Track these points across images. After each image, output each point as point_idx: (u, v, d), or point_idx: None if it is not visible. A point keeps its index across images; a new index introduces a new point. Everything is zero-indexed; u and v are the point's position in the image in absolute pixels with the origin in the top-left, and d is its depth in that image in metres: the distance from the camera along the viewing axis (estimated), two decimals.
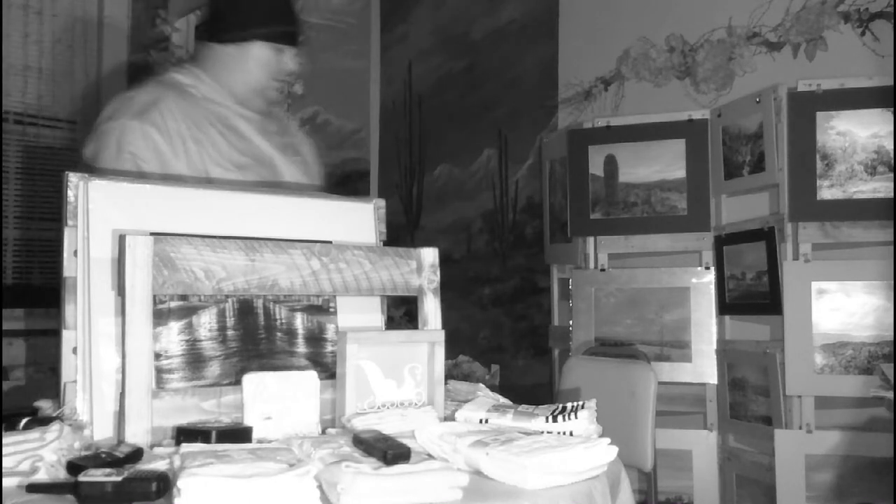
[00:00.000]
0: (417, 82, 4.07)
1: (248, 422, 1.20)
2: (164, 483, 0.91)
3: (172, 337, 1.24)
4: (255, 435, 1.17)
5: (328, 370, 1.35)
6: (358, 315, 1.44)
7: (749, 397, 2.49)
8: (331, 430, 1.24)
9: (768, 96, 2.39)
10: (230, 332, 1.30)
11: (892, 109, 2.21)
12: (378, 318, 1.48)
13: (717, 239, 2.62)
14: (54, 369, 1.23)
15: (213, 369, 1.27)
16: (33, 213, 3.91)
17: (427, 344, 1.36)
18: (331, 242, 1.38)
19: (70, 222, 1.21)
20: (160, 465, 0.99)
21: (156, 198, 1.29)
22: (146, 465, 1.00)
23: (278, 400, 1.22)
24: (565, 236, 2.92)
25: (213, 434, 1.10)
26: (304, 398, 1.24)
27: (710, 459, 2.62)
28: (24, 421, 1.10)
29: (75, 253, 1.20)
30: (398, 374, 1.33)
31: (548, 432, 1.20)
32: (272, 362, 1.33)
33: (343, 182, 4.10)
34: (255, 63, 1.76)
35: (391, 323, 1.53)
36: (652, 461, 2.10)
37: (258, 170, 1.76)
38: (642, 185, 2.74)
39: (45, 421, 1.09)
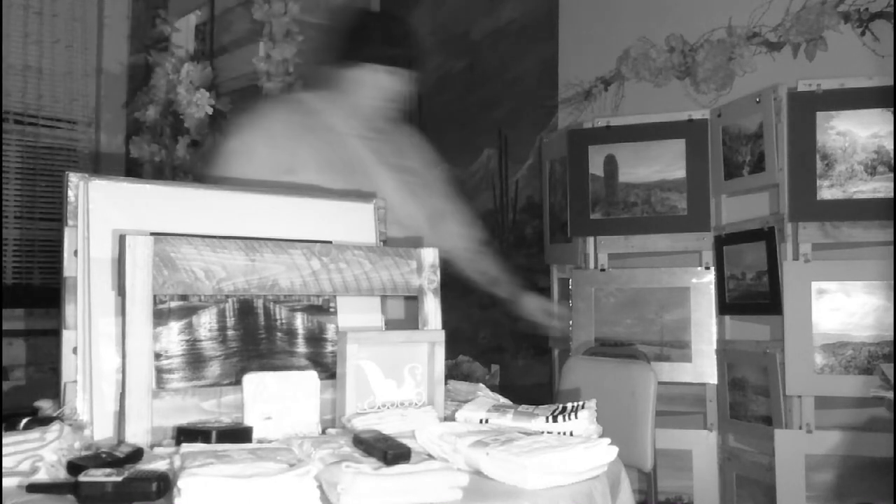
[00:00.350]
0: (417, 82, 4.06)
1: (248, 422, 1.20)
2: (165, 483, 0.91)
3: (172, 337, 1.24)
4: (256, 435, 1.17)
5: (328, 370, 1.35)
6: (358, 315, 1.44)
7: (749, 397, 2.49)
8: (331, 430, 1.24)
9: (768, 96, 2.39)
10: (230, 332, 1.30)
11: (892, 109, 2.21)
12: (378, 319, 1.48)
13: (717, 239, 2.62)
14: (54, 369, 1.23)
15: (214, 369, 1.27)
16: (33, 213, 3.91)
17: (427, 344, 1.36)
18: (331, 242, 1.38)
19: (70, 222, 1.21)
20: (160, 465, 0.99)
21: (156, 198, 1.29)
22: (146, 465, 1.00)
23: (278, 400, 1.22)
24: (565, 236, 2.92)
25: (214, 434, 1.10)
26: (304, 398, 1.24)
27: (710, 459, 2.62)
28: (24, 421, 1.10)
29: (75, 253, 1.20)
30: (398, 374, 1.33)
31: (548, 432, 1.20)
32: (272, 362, 1.33)
33: None
34: (367, 85, 1.88)
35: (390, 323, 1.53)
36: (652, 461, 2.10)
37: (349, 174, 1.85)
38: (642, 185, 2.74)
39: (46, 421, 1.09)
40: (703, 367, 2.62)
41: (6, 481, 0.96)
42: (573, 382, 2.29)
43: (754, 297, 2.47)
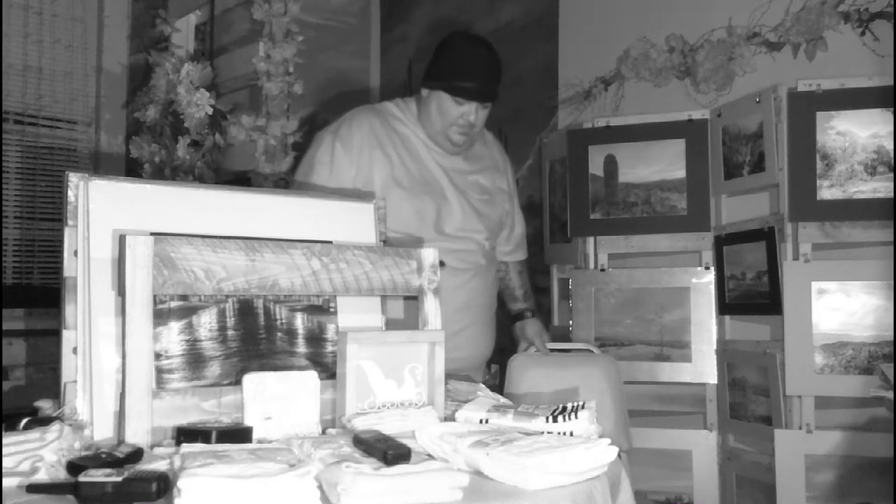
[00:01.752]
0: (417, 82, 4.06)
1: (248, 422, 1.20)
2: (165, 483, 0.91)
3: (173, 337, 1.24)
4: (256, 435, 1.17)
5: (328, 370, 1.35)
6: (358, 315, 1.44)
7: (749, 397, 2.49)
8: (331, 431, 1.24)
9: (768, 96, 2.39)
10: (230, 332, 1.30)
11: (892, 109, 2.21)
12: (378, 319, 1.48)
13: (717, 239, 2.62)
14: (54, 369, 1.23)
15: (214, 369, 1.27)
16: (33, 213, 3.91)
17: (427, 344, 1.36)
18: (331, 242, 1.38)
19: (70, 222, 1.21)
20: (160, 466, 0.99)
21: (156, 198, 1.29)
22: (146, 466, 1.00)
23: (278, 400, 1.22)
24: (565, 236, 2.92)
25: (214, 434, 1.10)
26: (304, 398, 1.24)
27: (710, 459, 2.62)
28: (24, 421, 1.10)
29: (75, 253, 1.20)
30: (398, 374, 1.33)
31: (548, 432, 1.20)
32: (272, 362, 1.33)
33: None
34: (437, 109, 1.99)
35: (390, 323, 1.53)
36: (629, 442, 2.11)
37: (421, 189, 1.99)
38: (642, 185, 2.74)
39: (46, 421, 1.09)
40: (703, 367, 2.62)
41: (6, 481, 0.96)
42: (531, 381, 2.12)
43: (754, 297, 2.47)
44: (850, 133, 2.29)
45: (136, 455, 1.04)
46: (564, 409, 1.26)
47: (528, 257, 2.40)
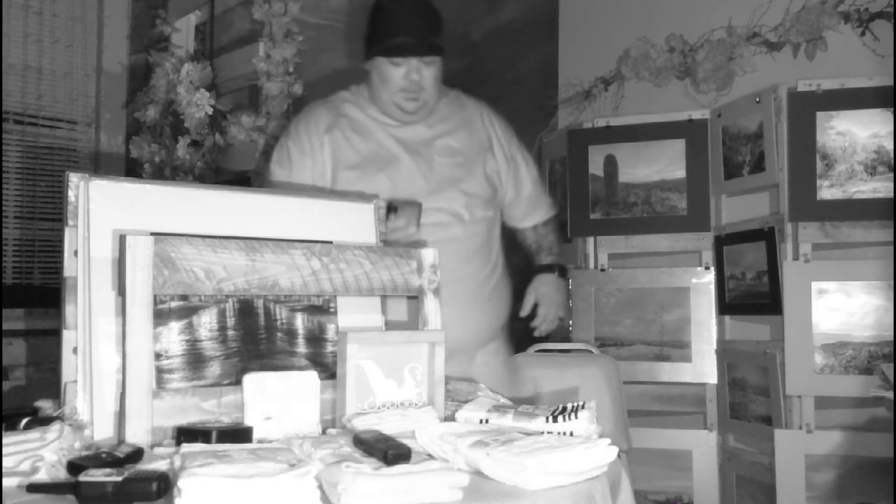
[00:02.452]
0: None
1: (248, 422, 1.20)
2: (165, 483, 0.91)
3: (173, 337, 1.24)
4: (256, 435, 1.17)
5: (328, 370, 1.35)
6: (358, 315, 1.44)
7: (749, 397, 2.49)
8: (331, 431, 1.24)
9: (768, 96, 2.39)
10: (230, 332, 1.30)
11: (892, 109, 2.21)
12: (378, 319, 1.48)
13: (717, 239, 2.62)
14: (54, 369, 1.23)
15: (214, 369, 1.27)
16: (33, 213, 3.91)
17: (427, 344, 1.36)
18: (331, 242, 1.38)
19: (71, 222, 1.21)
20: (161, 466, 0.99)
21: (156, 198, 1.29)
22: (147, 466, 1.00)
23: (279, 400, 1.22)
24: (565, 236, 2.92)
25: (214, 434, 1.10)
26: (304, 398, 1.24)
27: (710, 459, 2.62)
28: (24, 421, 1.10)
29: (76, 253, 1.20)
30: (398, 374, 1.33)
31: (548, 432, 1.20)
32: (272, 362, 1.33)
33: None
34: (379, 78, 1.89)
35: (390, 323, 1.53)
36: (628, 442, 2.11)
37: (372, 167, 1.89)
38: (642, 185, 2.74)
39: (46, 421, 1.09)
40: (703, 367, 2.62)
41: (6, 481, 0.96)
42: (532, 381, 2.20)
43: (754, 297, 2.47)
44: (850, 133, 2.29)
45: (137, 455, 1.04)
46: (564, 409, 1.26)
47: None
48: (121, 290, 1.14)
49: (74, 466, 0.96)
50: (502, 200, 2.07)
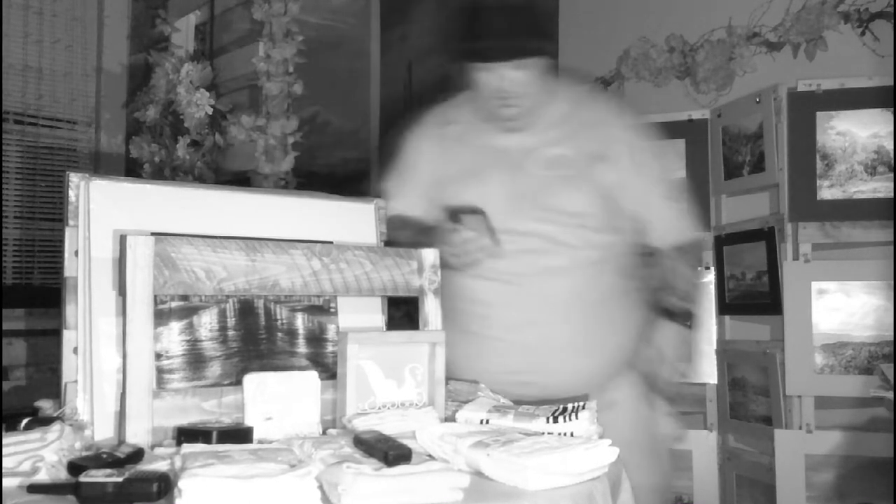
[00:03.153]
0: (417, 82, 4.06)
1: (248, 422, 1.20)
2: (165, 484, 0.91)
3: (173, 337, 1.24)
4: (256, 435, 1.17)
5: (329, 370, 1.35)
6: (359, 315, 1.44)
7: (749, 397, 2.49)
8: (331, 431, 1.24)
9: (768, 96, 2.39)
10: (231, 333, 1.30)
11: (892, 109, 2.21)
12: (379, 319, 1.48)
13: (717, 239, 2.62)
14: (55, 369, 1.23)
15: (214, 369, 1.27)
16: (33, 213, 3.91)
17: (428, 344, 1.36)
18: (332, 243, 1.38)
19: (71, 222, 1.21)
20: (161, 466, 0.99)
21: (156, 198, 1.29)
22: (147, 466, 1.00)
23: (279, 400, 1.22)
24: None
25: (214, 434, 1.10)
26: (304, 398, 1.24)
27: (710, 459, 2.62)
28: (24, 421, 1.10)
29: (76, 253, 1.20)
30: (399, 374, 1.33)
31: (548, 433, 1.20)
32: (273, 362, 1.33)
33: (343, 182, 4.10)
34: (473, 90, 1.66)
35: (391, 323, 1.53)
36: None
37: (463, 180, 1.69)
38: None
39: (46, 421, 1.09)
40: (703, 367, 2.62)
41: (7, 482, 0.96)
42: None
43: (754, 297, 2.47)
44: (850, 133, 2.29)
45: (137, 455, 1.04)
46: (565, 409, 1.26)
47: None
48: (121, 290, 1.14)
49: (75, 467, 0.96)
50: (631, 218, 1.73)
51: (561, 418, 1.23)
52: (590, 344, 1.65)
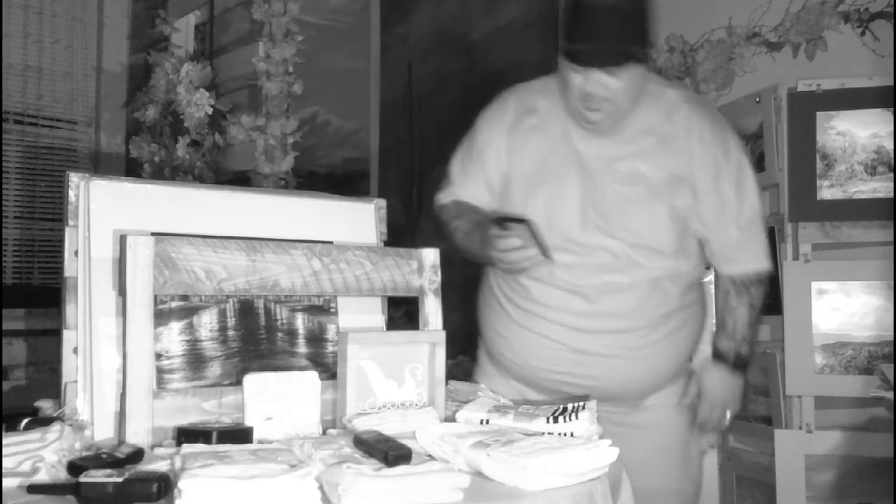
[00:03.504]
0: (417, 82, 4.06)
1: (248, 422, 1.20)
2: (165, 484, 0.91)
3: (173, 337, 1.24)
4: (256, 435, 1.17)
5: (329, 370, 1.35)
6: (359, 315, 1.44)
7: (749, 397, 2.49)
8: (332, 431, 1.24)
9: (768, 96, 2.39)
10: (231, 333, 1.30)
11: (892, 109, 2.21)
12: (379, 319, 1.48)
13: None
14: (55, 369, 1.23)
15: (214, 369, 1.27)
16: (33, 213, 3.91)
17: (428, 344, 1.36)
18: (332, 243, 1.38)
19: (71, 222, 1.21)
20: (161, 466, 0.99)
21: (156, 198, 1.29)
22: (147, 466, 1.00)
23: (279, 400, 1.22)
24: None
25: (214, 435, 1.10)
26: (304, 399, 1.24)
27: (710, 459, 2.62)
28: (24, 421, 1.10)
29: (76, 253, 1.20)
30: (399, 374, 1.33)
31: (549, 433, 1.20)
32: (273, 362, 1.33)
33: (343, 182, 4.10)
34: (562, 80, 1.58)
35: (391, 323, 1.53)
36: None
37: (539, 178, 1.63)
38: None
39: (46, 421, 1.09)
40: None
41: (7, 482, 0.96)
42: None
43: None
44: (850, 133, 2.29)
45: (137, 455, 1.04)
46: (565, 409, 1.26)
47: None
48: (121, 291, 1.14)
49: (75, 467, 0.96)
50: (703, 240, 1.68)
51: (561, 418, 1.23)
52: (644, 355, 1.63)
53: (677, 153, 1.61)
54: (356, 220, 1.50)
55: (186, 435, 1.11)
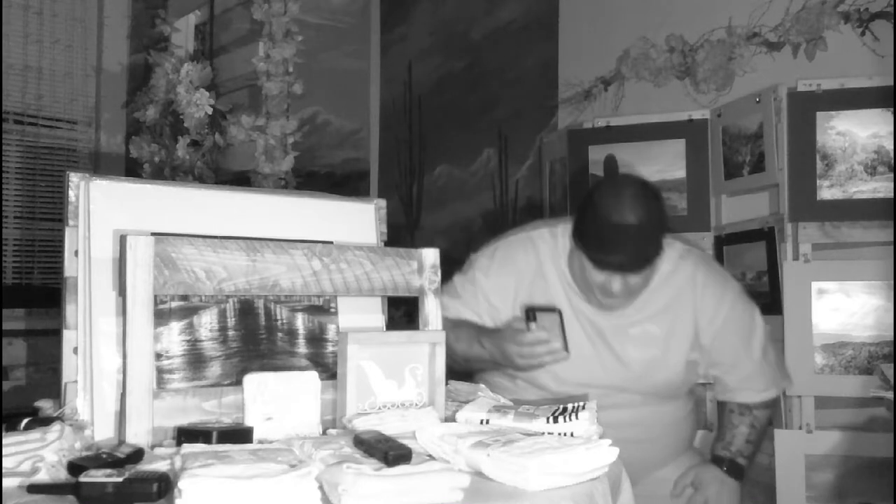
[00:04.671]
0: (417, 82, 4.07)
1: (248, 422, 1.20)
2: (165, 484, 0.91)
3: (173, 337, 1.24)
4: (256, 435, 1.17)
5: (329, 370, 1.35)
6: (359, 315, 1.44)
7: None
8: (332, 431, 1.24)
9: (768, 96, 2.39)
10: (231, 333, 1.30)
11: (892, 109, 2.21)
12: (379, 319, 1.48)
13: (717, 239, 2.62)
14: (55, 369, 1.23)
15: (214, 369, 1.27)
16: (33, 213, 3.91)
17: (428, 344, 1.36)
18: (332, 243, 1.38)
19: (71, 222, 1.21)
20: (161, 466, 0.99)
21: (157, 198, 1.29)
22: (147, 466, 1.00)
23: (279, 400, 1.22)
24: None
25: (214, 434, 1.10)
26: (304, 399, 1.24)
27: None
28: (24, 421, 1.10)
29: (76, 253, 1.20)
30: (399, 374, 1.33)
31: (549, 433, 1.20)
32: (273, 363, 1.33)
33: (343, 182, 4.10)
34: (579, 268, 1.66)
35: (391, 323, 1.53)
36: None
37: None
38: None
39: (46, 421, 1.09)
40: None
41: (7, 482, 0.96)
42: None
43: (754, 297, 2.46)
44: (850, 133, 2.29)
45: (137, 455, 1.04)
46: (565, 409, 1.26)
47: None
48: (121, 291, 1.14)
49: (75, 467, 0.96)
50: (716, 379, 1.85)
51: (561, 418, 1.23)
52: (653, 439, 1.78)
53: (682, 309, 1.73)
54: (356, 220, 1.50)
55: (186, 435, 1.11)
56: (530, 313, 1.55)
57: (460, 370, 1.75)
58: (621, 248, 1.57)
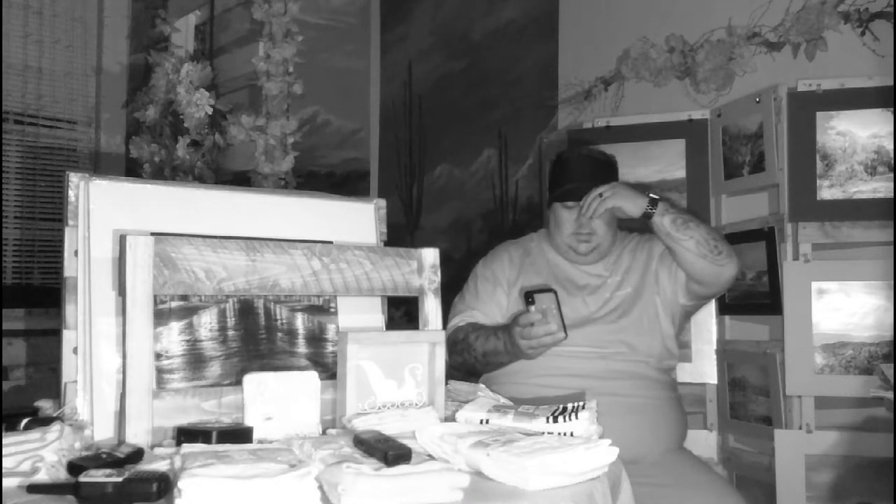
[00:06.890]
0: (417, 82, 4.07)
1: (248, 422, 1.20)
2: (165, 484, 0.91)
3: (173, 337, 1.24)
4: (256, 435, 1.17)
5: (329, 370, 1.35)
6: (359, 315, 1.44)
7: (749, 397, 2.49)
8: (331, 431, 1.24)
9: (768, 96, 2.39)
10: (231, 333, 1.30)
11: (892, 109, 2.21)
12: (379, 319, 1.48)
13: None
14: (54, 369, 1.23)
15: (214, 369, 1.27)
16: (33, 213, 3.91)
17: (428, 344, 1.36)
18: (332, 242, 1.38)
19: (71, 222, 1.21)
20: (161, 466, 0.99)
21: (156, 198, 1.29)
22: (147, 466, 1.00)
23: (279, 400, 1.22)
24: None
25: (214, 434, 1.10)
26: (304, 399, 1.24)
27: (710, 459, 2.62)
28: (24, 421, 1.10)
29: (76, 253, 1.20)
30: (399, 374, 1.33)
31: (548, 433, 1.20)
32: (273, 362, 1.33)
33: (343, 182, 4.10)
34: (554, 222, 2.01)
35: (391, 323, 1.53)
36: None
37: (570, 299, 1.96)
38: (642, 186, 2.74)
39: (46, 421, 1.09)
40: (703, 367, 2.62)
41: (6, 482, 0.96)
42: None
43: (754, 297, 2.47)
44: (850, 133, 2.29)
45: (137, 455, 1.04)
46: (565, 409, 1.26)
47: None
48: (121, 291, 1.14)
49: (74, 467, 0.96)
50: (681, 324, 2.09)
51: (561, 418, 1.23)
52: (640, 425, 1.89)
53: (647, 274, 2.02)
54: (356, 220, 1.50)
55: (186, 435, 1.11)
56: (529, 297, 1.64)
57: (482, 371, 1.94)
58: (578, 174, 1.97)
